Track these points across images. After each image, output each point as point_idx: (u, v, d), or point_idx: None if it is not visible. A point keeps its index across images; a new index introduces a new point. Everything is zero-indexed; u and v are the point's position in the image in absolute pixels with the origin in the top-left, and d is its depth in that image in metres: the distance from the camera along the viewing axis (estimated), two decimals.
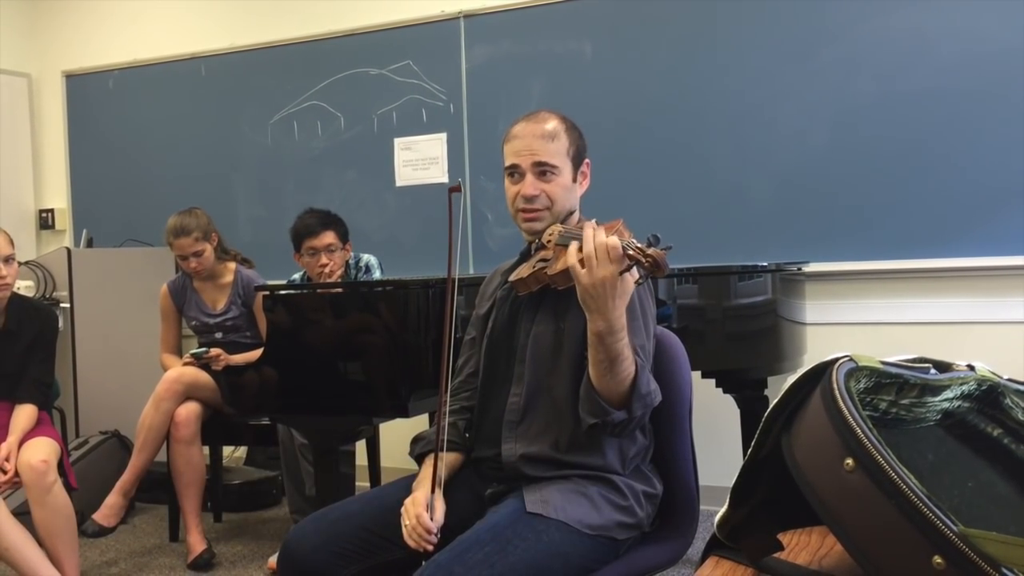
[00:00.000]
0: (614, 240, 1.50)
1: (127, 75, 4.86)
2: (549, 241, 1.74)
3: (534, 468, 1.72)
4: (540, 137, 1.80)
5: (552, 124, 1.82)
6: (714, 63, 3.65)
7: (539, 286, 1.72)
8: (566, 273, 1.58)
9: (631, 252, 1.49)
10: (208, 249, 3.44)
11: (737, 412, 3.00)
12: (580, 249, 1.54)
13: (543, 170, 1.79)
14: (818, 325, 3.34)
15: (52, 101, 5.11)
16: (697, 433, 1.88)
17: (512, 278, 1.78)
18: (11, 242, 2.88)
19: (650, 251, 1.48)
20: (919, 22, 3.35)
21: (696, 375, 2.22)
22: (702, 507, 1.86)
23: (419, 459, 1.86)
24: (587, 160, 1.88)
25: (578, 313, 1.60)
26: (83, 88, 5.00)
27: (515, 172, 1.82)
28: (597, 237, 1.52)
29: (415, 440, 1.89)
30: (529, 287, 1.73)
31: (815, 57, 3.50)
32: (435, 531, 1.63)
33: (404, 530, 1.66)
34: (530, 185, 1.78)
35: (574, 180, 1.84)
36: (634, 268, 1.51)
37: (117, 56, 4.89)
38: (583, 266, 1.52)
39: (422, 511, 1.65)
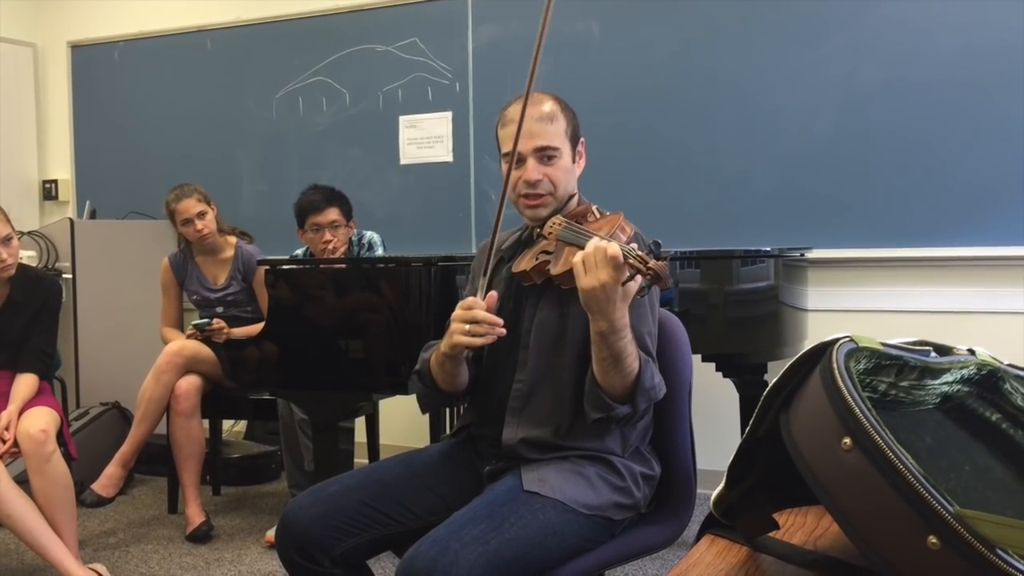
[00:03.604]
0: (614, 247, 1.48)
1: (133, 47, 4.85)
2: (551, 233, 1.71)
3: (533, 451, 1.72)
4: (539, 119, 1.76)
5: (549, 105, 1.79)
6: (721, 47, 3.63)
7: (542, 279, 1.71)
8: (569, 274, 1.56)
9: (632, 261, 1.47)
10: (211, 213, 3.47)
11: (736, 396, 3.01)
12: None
13: (545, 154, 1.76)
14: (819, 312, 3.34)
15: (57, 71, 5.10)
16: (696, 416, 1.88)
17: (515, 269, 1.76)
18: (7, 221, 2.84)
19: (652, 264, 1.46)
20: (925, 12, 3.33)
21: (696, 358, 2.22)
22: (699, 490, 1.87)
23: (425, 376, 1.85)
24: (582, 139, 1.85)
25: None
26: (88, 59, 4.98)
27: (515, 157, 1.78)
28: (598, 243, 1.49)
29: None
30: (532, 280, 1.72)
31: (822, 44, 3.49)
32: (486, 307, 1.61)
33: (458, 335, 1.62)
34: (533, 170, 1.75)
35: (572, 161, 1.82)
36: (637, 276, 1.49)
37: (123, 27, 4.87)
38: (585, 270, 1.50)
39: (471, 300, 1.63)
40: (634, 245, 1.52)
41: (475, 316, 1.60)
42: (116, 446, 3.32)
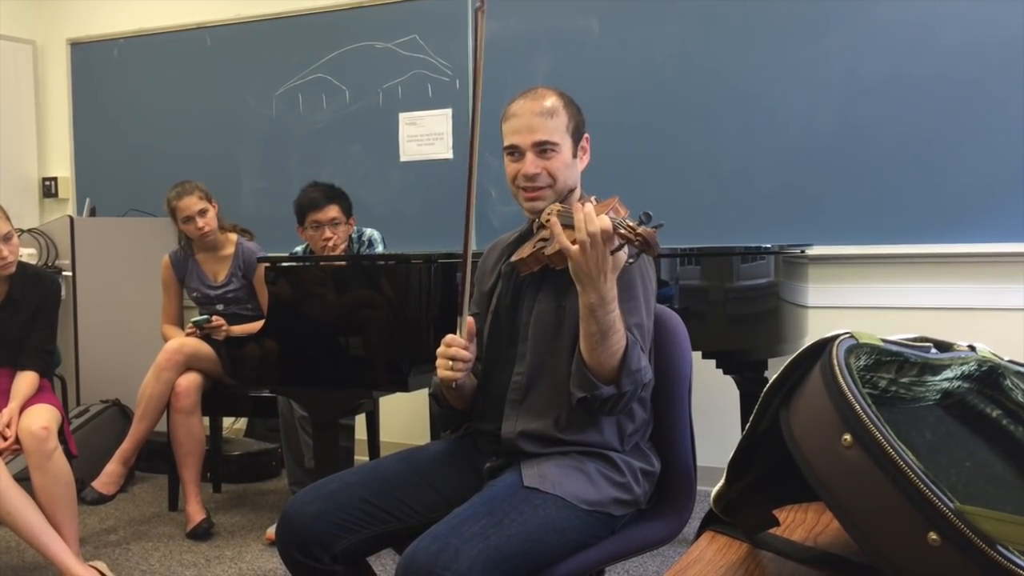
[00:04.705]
0: (604, 220, 1.51)
1: (132, 44, 4.85)
2: (548, 220, 1.73)
3: (532, 445, 1.72)
4: (539, 114, 1.79)
5: (551, 101, 1.81)
6: (722, 43, 3.63)
7: (539, 266, 1.72)
8: (562, 253, 1.58)
9: (621, 231, 1.49)
10: (212, 210, 3.46)
11: (736, 393, 3.01)
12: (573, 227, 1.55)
13: (543, 148, 1.78)
14: (820, 308, 3.34)
15: (57, 69, 5.09)
16: (696, 413, 1.88)
17: (513, 258, 1.79)
18: (7, 218, 2.84)
19: (640, 230, 1.48)
20: (925, 8, 3.33)
21: (696, 355, 2.22)
22: (699, 487, 1.87)
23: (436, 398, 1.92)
24: (586, 135, 1.87)
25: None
26: (88, 56, 4.98)
27: (515, 151, 1.81)
28: (587, 214, 1.52)
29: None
30: (530, 267, 1.74)
31: (821, 41, 3.48)
32: (465, 344, 1.72)
33: (441, 370, 1.73)
34: (531, 163, 1.78)
35: (574, 156, 1.83)
36: (625, 247, 1.51)
37: (122, 25, 4.87)
38: (575, 244, 1.53)
39: (450, 337, 1.73)
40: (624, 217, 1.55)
41: (452, 354, 1.71)
42: (116, 443, 3.32)
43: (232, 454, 4.05)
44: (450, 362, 1.71)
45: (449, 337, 1.74)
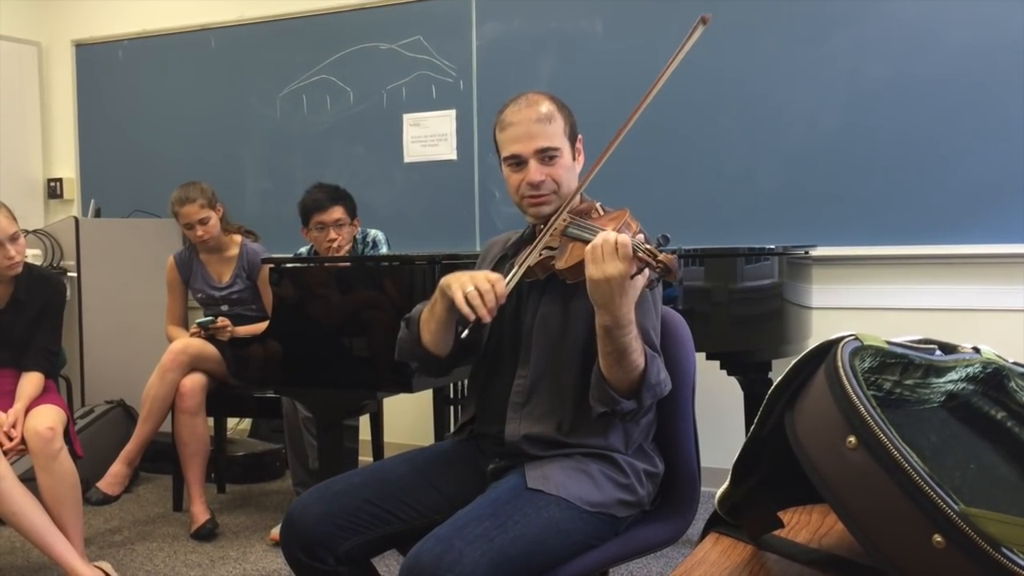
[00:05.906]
0: (624, 238, 1.49)
1: (137, 45, 4.85)
2: (556, 228, 1.72)
3: (536, 448, 1.72)
4: (537, 121, 1.77)
5: (546, 106, 1.79)
6: (726, 44, 3.62)
7: (546, 275, 1.71)
8: (575, 268, 1.57)
9: (641, 255, 1.47)
10: (214, 217, 3.46)
11: (740, 394, 3.00)
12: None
13: (546, 154, 1.77)
14: (823, 309, 3.34)
15: (61, 70, 5.10)
16: (700, 414, 1.88)
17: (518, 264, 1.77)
18: (14, 219, 2.85)
19: (661, 256, 1.46)
20: (929, 9, 3.33)
21: (700, 356, 2.22)
22: (703, 488, 1.87)
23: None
24: (580, 136, 1.86)
25: (585, 296, 1.59)
26: (92, 58, 4.98)
27: (517, 160, 1.79)
28: (608, 235, 1.51)
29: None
30: (536, 276, 1.73)
31: (826, 41, 3.48)
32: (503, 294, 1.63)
33: (460, 290, 1.62)
34: (535, 171, 1.76)
35: (573, 159, 1.83)
36: (645, 270, 1.50)
37: (127, 26, 4.87)
38: (592, 262, 1.51)
39: (498, 276, 1.65)
40: (640, 236, 1.53)
41: (484, 289, 1.61)
42: (121, 444, 3.33)
43: (236, 455, 4.05)
44: (471, 288, 1.61)
45: (497, 276, 1.66)
